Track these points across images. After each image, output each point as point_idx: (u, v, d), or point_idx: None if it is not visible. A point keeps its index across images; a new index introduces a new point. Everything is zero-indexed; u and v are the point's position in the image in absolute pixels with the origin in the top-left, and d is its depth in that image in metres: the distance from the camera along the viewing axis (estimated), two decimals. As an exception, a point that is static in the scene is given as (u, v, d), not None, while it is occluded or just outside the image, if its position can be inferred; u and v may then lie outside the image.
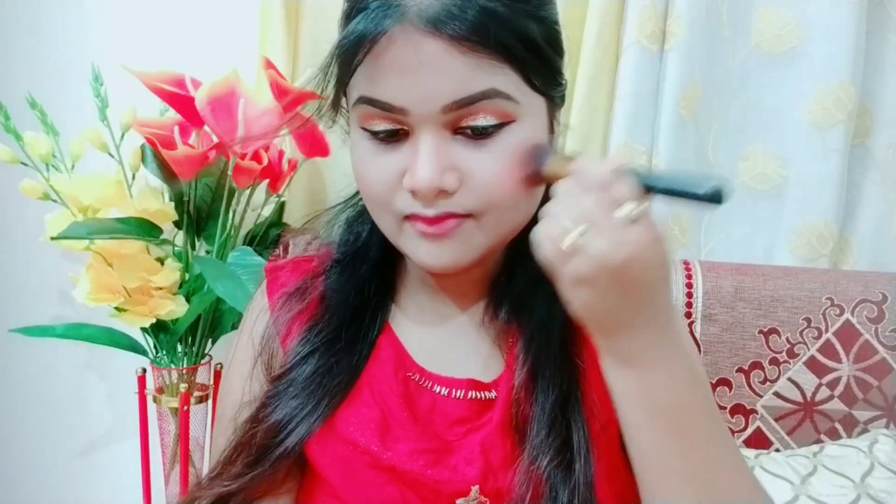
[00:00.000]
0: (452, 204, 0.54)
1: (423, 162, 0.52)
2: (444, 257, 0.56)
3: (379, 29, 0.51)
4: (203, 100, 1.00)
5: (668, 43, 1.17)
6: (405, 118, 0.53)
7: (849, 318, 1.07)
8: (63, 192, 1.07)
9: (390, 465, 0.58)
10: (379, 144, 0.55)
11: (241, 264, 1.04)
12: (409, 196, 0.54)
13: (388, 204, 0.56)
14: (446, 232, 0.55)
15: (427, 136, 0.53)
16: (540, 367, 0.59)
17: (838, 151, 1.20)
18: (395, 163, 0.54)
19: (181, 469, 1.19)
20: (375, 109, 0.53)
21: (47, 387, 1.42)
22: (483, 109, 0.52)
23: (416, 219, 0.55)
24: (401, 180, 0.54)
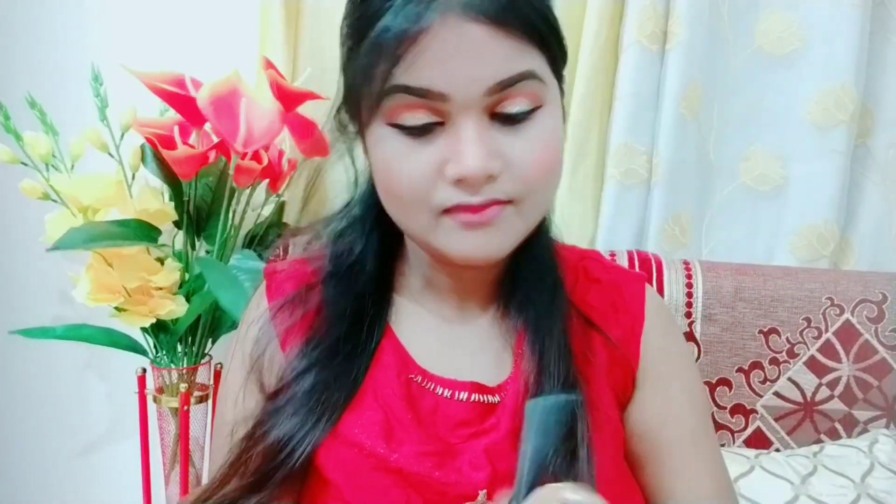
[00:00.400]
0: (496, 190, 0.54)
1: (471, 147, 0.52)
2: (488, 246, 0.56)
3: (424, 21, 0.50)
4: (205, 100, 1.00)
5: (670, 43, 1.17)
6: (444, 105, 0.52)
7: (849, 318, 1.07)
8: (63, 192, 1.07)
9: (397, 467, 0.58)
10: (410, 140, 0.53)
11: (244, 268, 1.03)
12: (450, 188, 0.53)
13: (425, 200, 0.54)
14: (490, 219, 0.54)
15: (469, 122, 0.52)
16: (545, 361, 0.59)
17: (839, 152, 1.20)
18: (431, 156, 0.53)
19: (181, 469, 1.19)
20: (412, 98, 0.52)
21: (47, 387, 1.42)
22: (520, 92, 0.53)
23: (460, 210, 0.54)
24: (439, 174, 0.53)
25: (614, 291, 0.66)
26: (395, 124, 0.53)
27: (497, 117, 0.53)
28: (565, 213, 1.21)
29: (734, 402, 1.08)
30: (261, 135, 1.05)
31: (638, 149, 1.20)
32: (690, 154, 1.22)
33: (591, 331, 0.63)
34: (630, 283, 0.67)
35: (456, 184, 0.53)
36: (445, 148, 0.53)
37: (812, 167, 1.22)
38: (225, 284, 1.00)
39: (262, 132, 1.05)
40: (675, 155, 1.19)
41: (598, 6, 1.18)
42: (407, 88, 0.51)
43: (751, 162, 1.25)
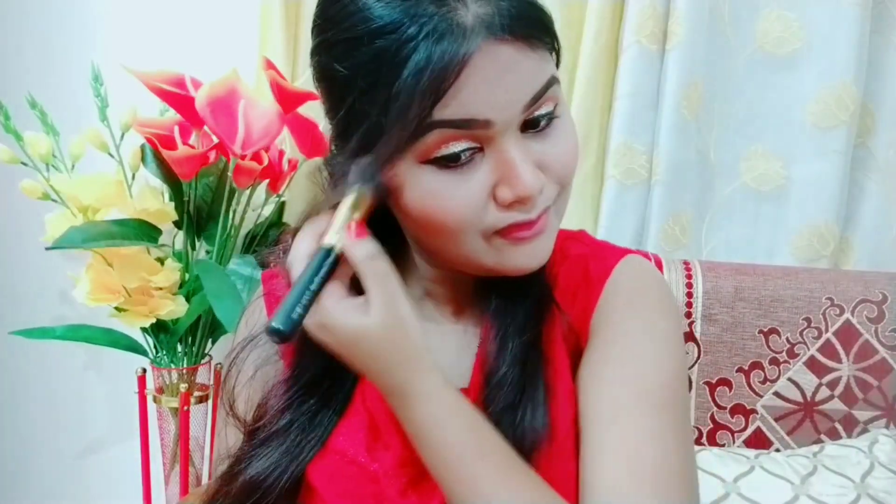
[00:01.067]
0: (544, 199, 0.54)
1: (522, 167, 0.51)
2: (541, 253, 0.56)
3: (464, 54, 0.48)
4: (203, 100, 1.00)
5: (670, 42, 1.17)
6: (486, 132, 0.51)
7: (849, 318, 1.07)
8: (63, 192, 1.07)
9: (375, 477, 0.58)
10: (450, 173, 0.52)
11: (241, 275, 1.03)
12: (501, 211, 0.53)
13: (476, 226, 0.53)
14: (543, 228, 0.55)
15: (511, 143, 0.52)
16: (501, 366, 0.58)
17: (840, 152, 1.20)
18: (478, 183, 0.52)
19: (181, 469, 1.19)
20: (454, 131, 0.50)
21: (47, 387, 1.42)
22: (546, 99, 0.53)
23: (517, 228, 0.54)
24: (488, 198, 0.53)
25: (581, 266, 0.64)
26: (432, 160, 0.51)
27: (527, 128, 0.53)
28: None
29: (734, 402, 1.08)
30: (259, 136, 1.05)
31: (638, 148, 1.20)
32: (691, 154, 1.22)
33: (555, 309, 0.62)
34: (602, 258, 0.65)
35: (510, 206, 0.53)
36: (492, 172, 0.52)
37: (812, 167, 1.22)
38: (222, 294, 0.99)
39: (260, 133, 1.05)
40: (676, 155, 1.19)
41: (598, 6, 1.18)
42: (450, 123, 0.50)
43: (751, 162, 1.25)
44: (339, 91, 0.54)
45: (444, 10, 0.48)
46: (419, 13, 0.48)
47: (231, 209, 1.13)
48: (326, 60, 0.54)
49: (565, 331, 0.62)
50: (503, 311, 0.61)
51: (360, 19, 0.50)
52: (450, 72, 0.48)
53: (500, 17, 0.49)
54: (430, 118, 0.49)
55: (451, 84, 0.48)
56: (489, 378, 0.58)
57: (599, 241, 0.68)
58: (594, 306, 0.62)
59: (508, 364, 0.58)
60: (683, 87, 1.17)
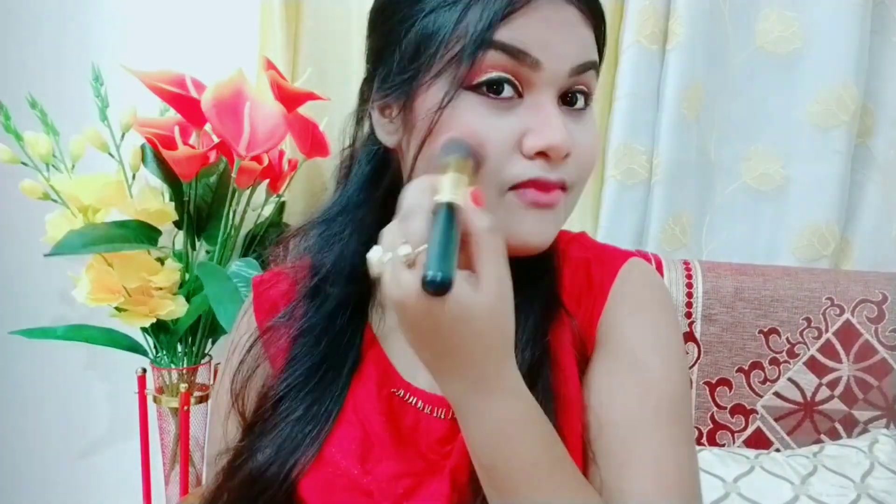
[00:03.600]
0: (566, 172, 0.54)
1: (555, 121, 0.52)
2: (546, 231, 0.55)
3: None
4: (209, 102, 1.00)
5: (670, 42, 1.17)
6: (532, 74, 0.52)
7: (849, 318, 1.07)
8: (63, 192, 1.07)
9: (368, 490, 0.57)
10: (491, 104, 0.52)
11: (244, 277, 1.03)
12: (527, 162, 0.52)
13: (498, 174, 0.52)
14: (554, 202, 0.54)
15: (550, 99, 0.53)
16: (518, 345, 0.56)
17: (840, 153, 1.20)
18: (512, 125, 0.52)
19: (181, 469, 1.19)
20: (506, 58, 0.51)
21: (48, 387, 1.42)
22: (587, 81, 0.55)
23: (532, 185, 0.53)
24: (516, 146, 0.52)
25: (585, 270, 0.64)
26: (476, 86, 0.52)
27: (564, 101, 0.55)
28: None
29: (734, 402, 1.08)
30: (264, 139, 1.05)
31: (637, 149, 1.20)
32: (691, 154, 1.22)
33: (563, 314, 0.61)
34: (604, 262, 0.64)
35: (536, 157, 0.52)
36: (525, 120, 0.52)
37: (813, 167, 1.22)
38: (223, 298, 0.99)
39: (265, 136, 1.04)
40: (676, 155, 1.19)
41: (598, 6, 1.18)
42: (505, 46, 0.51)
43: (752, 162, 1.25)
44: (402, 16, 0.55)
45: None
46: None
47: (231, 209, 1.13)
48: None
49: (573, 335, 0.61)
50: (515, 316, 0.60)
51: None
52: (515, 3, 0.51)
53: None
54: (489, 36, 0.51)
55: (514, 10, 0.51)
56: None
57: (600, 244, 0.67)
58: (600, 312, 0.61)
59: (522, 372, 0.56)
60: (684, 88, 1.17)
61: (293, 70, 1.23)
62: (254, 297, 0.68)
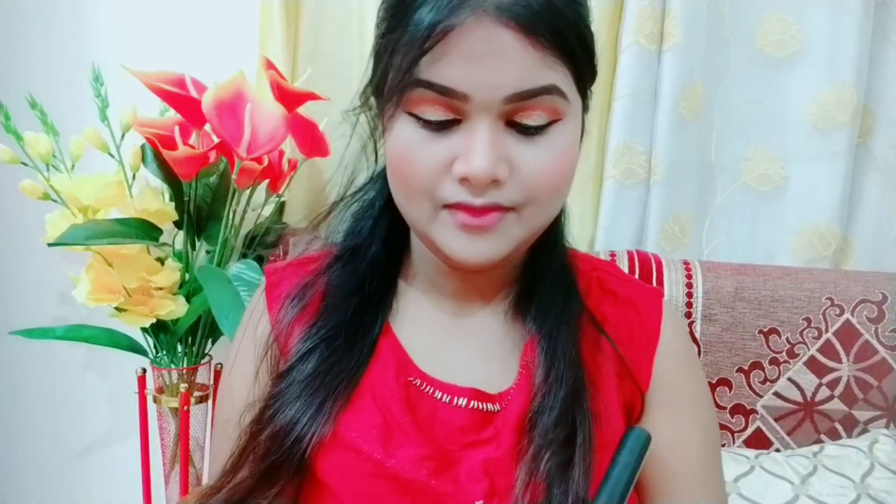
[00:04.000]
0: (499, 196, 0.54)
1: (481, 149, 0.52)
2: (481, 251, 0.56)
3: (456, 19, 0.50)
4: (209, 103, 1.00)
5: (666, 43, 1.17)
6: (463, 105, 0.52)
7: (849, 318, 1.07)
8: (63, 192, 1.07)
9: (393, 474, 0.57)
10: (426, 131, 0.54)
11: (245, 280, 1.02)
12: (456, 185, 0.54)
13: (431, 192, 0.55)
14: (489, 225, 0.54)
15: (484, 125, 0.52)
16: (554, 375, 0.59)
17: (841, 153, 1.20)
18: (444, 150, 0.54)
19: (181, 469, 1.19)
20: (434, 94, 0.52)
21: (47, 387, 1.42)
22: (540, 105, 0.53)
23: (461, 208, 0.54)
24: (448, 168, 0.54)
25: (630, 307, 0.65)
26: (415, 115, 0.54)
27: (514, 124, 0.53)
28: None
29: (734, 402, 1.08)
30: (265, 140, 1.04)
31: (637, 149, 1.20)
32: (691, 154, 1.22)
33: (602, 339, 0.63)
34: (647, 298, 0.66)
35: (461, 182, 0.53)
36: (458, 144, 0.53)
37: (813, 168, 1.22)
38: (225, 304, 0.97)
39: (266, 137, 1.04)
40: (675, 155, 1.19)
41: (597, 6, 1.18)
42: (429, 84, 0.52)
43: (752, 162, 1.25)
44: (375, 30, 0.58)
45: None
46: None
47: (231, 209, 1.13)
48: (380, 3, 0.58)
49: (618, 367, 0.63)
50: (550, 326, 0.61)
51: None
52: (437, 31, 0.50)
53: (512, 3, 0.50)
54: (415, 74, 0.52)
55: (434, 43, 0.51)
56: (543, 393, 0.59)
57: (633, 279, 0.71)
58: (653, 351, 0.64)
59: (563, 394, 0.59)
60: (683, 87, 1.17)
61: (293, 70, 1.23)
62: (266, 281, 0.68)
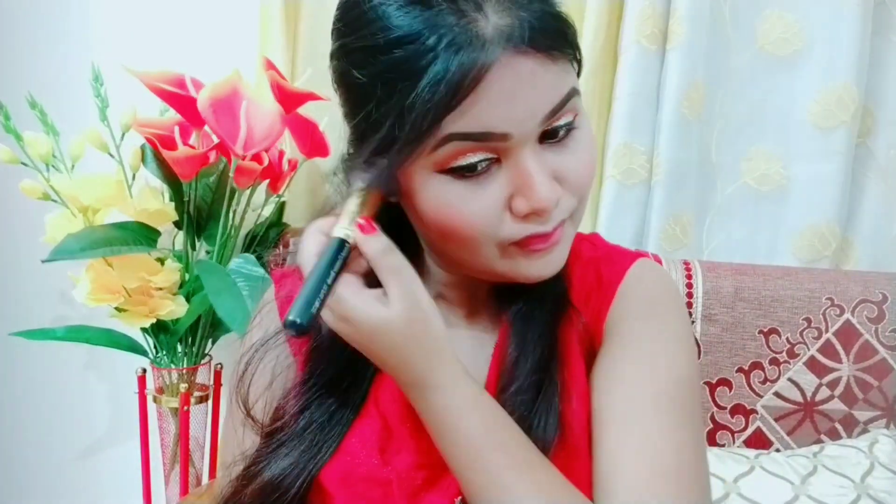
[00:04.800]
0: (561, 211, 0.54)
1: (539, 179, 0.51)
2: (555, 262, 0.56)
3: (482, 66, 0.48)
4: (205, 101, 1.00)
5: (671, 42, 1.17)
6: (503, 144, 0.50)
7: (849, 318, 1.07)
8: (63, 192, 1.07)
9: (387, 480, 0.58)
10: (467, 183, 0.52)
11: (243, 274, 1.03)
12: (518, 222, 0.53)
13: (492, 237, 0.53)
14: (559, 240, 0.55)
15: (529, 154, 0.51)
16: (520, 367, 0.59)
17: (841, 153, 1.20)
18: (495, 193, 0.52)
19: (181, 469, 1.19)
20: (471, 143, 0.50)
21: (47, 387, 1.42)
22: (566, 111, 0.52)
23: (533, 240, 0.54)
24: (504, 209, 0.52)
25: (594, 269, 0.65)
26: (449, 170, 0.51)
27: (545, 139, 0.53)
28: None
29: (734, 402, 1.08)
30: (261, 138, 1.05)
31: (637, 149, 1.20)
32: (691, 154, 1.22)
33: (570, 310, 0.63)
34: (614, 261, 0.65)
35: (526, 217, 0.53)
36: (508, 183, 0.52)
37: (813, 167, 1.22)
38: (223, 293, 0.99)
39: (262, 135, 1.05)
40: (676, 155, 1.19)
41: (598, 6, 1.18)
42: (466, 136, 0.50)
43: (752, 162, 1.25)
44: (356, 97, 0.53)
45: (464, 22, 0.48)
46: (438, 23, 0.47)
47: (231, 209, 1.13)
48: (345, 66, 0.53)
49: (581, 332, 0.62)
50: (522, 317, 0.61)
51: (380, 28, 0.49)
52: (466, 84, 0.48)
53: (520, 30, 0.48)
54: (447, 130, 0.49)
55: (466, 96, 0.48)
56: (508, 384, 0.58)
57: (611, 245, 0.69)
58: (607, 309, 0.62)
59: (528, 370, 0.58)
60: (684, 87, 1.17)
61: (293, 70, 1.23)
62: (276, 292, 0.67)
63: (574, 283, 0.64)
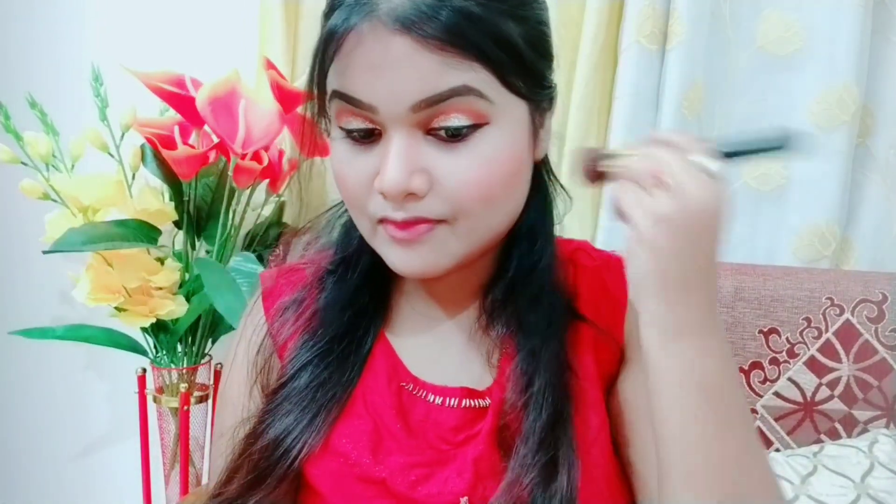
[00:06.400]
0: (422, 209, 0.53)
1: (391, 163, 0.51)
2: (415, 263, 0.55)
3: (347, 25, 0.50)
4: (204, 100, 1.00)
5: (670, 42, 1.17)
6: (375, 116, 0.52)
7: (849, 318, 1.07)
8: (63, 192, 1.07)
9: (380, 479, 0.58)
10: (355, 145, 0.54)
11: (243, 271, 1.03)
12: (380, 199, 0.53)
13: (363, 207, 0.55)
14: (416, 237, 0.53)
15: (396, 137, 0.51)
16: (534, 381, 0.58)
17: (841, 153, 1.20)
18: (368, 164, 0.53)
19: (181, 469, 1.19)
20: (347, 105, 0.52)
21: (47, 387, 1.42)
22: (455, 108, 0.50)
23: (387, 222, 0.54)
24: (373, 182, 0.53)
25: (598, 278, 0.65)
26: (342, 127, 0.54)
27: (434, 132, 0.52)
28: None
29: (734, 402, 1.08)
30: (260, 136, 1.05)
31: (638, 149, 1.20)
32: (691, 154, 1.21)
33: (579, 322, 0.63)
34: (612, 267, 0.66)
35: (381, 196, 0.53)
36: (378, 158, 0.53)
37: (814, 167, 1.21)
38: (222, 289, 0.99)
39: (261, 133, 1.05)
40: (676, 155, 1.19)
41: (598, 6, 1.18)
42: (342, 95, 0.52)
43: (752, 162, 1.25)
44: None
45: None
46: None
47: (231, 209, 1.13)
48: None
49: (594, 338, 0.62)
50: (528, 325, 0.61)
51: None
52: (330, 43, 0.51)
53: (406, 10, 0.49)
54: (332, 86, 0.53)
55: (336, 50, 0.51)
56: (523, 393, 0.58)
57: (605, 252, 0.70)
58: (622, 316, 0.63)
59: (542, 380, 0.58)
60: (684, 88, 1.17)
61: (293, 70, 1.23)
62: (262, 290, 0.68)
63: (581, 293, 0.64)
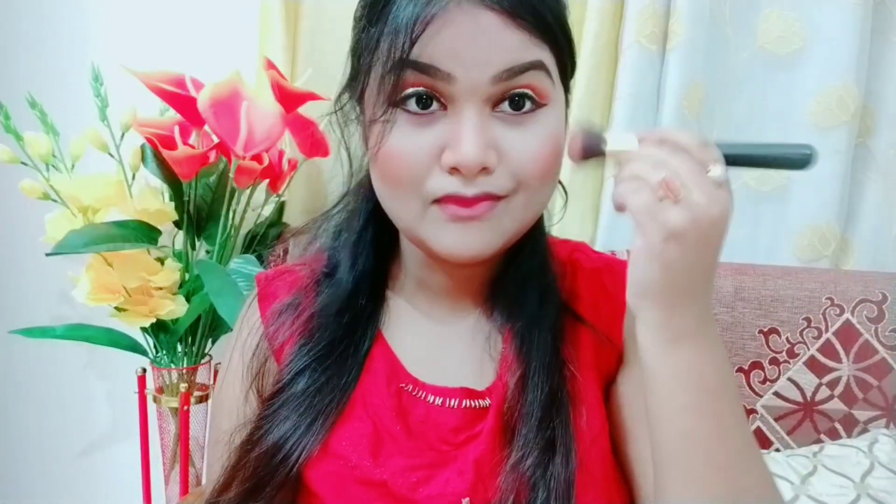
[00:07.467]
0: (490, 184, 0.53)
1: (469, 135, 0.51)
2: (473, 243, 0.54)
3: (439, 5, 0.51)
4: (205, 101, 1.00)
5: (671, 42, 1.17)
6: (449, 87, 0.52)
7: (849, 318, 1.07)
8: (63, 192, 1.07)
9: (381, 481, 0.57)
10: (412, 123, 0.53)
11: (243, 273, 1.03)
12: (445, 177, 0.53)
13: (418, 186, 0.53)
14: (480, 214, 0.53)
15: (471, 110, 0.52)
16: (529, 367, 0.59)
17: (841, 153, 1.20)
18: (431, 139, 0.53)
19: (181, 469, 1.19)
20: (419, 75, 0.52)
21: (47, 387, 1.42)
22: (528, 83, 0.53)
23: (451, 200, 0.53)
24: (436, 159, 0.53)
25: (597, 279, 0.65)
26: (399, 104, 0.53)
27: (500, 109, 0.53)
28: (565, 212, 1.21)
29: (734, 402, 1.08)
30: (262, 138, 1.05)
31: (638, 149, 1.20)
32: (691, 154, 1.21)
33: (578, 323, 0.63)
34: (613, 270, 0.66)
35: (451, 172, 0.52)
36: (445, 134, 0.52)
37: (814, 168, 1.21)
38: (223, 291, 0.99)
39: (263, 135, 1.05)
40: (676, 155, 1.19)
41: (598, 6, 1.18)
42: (415, 64, 0.51)
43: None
44: (353, 30, 0.58)
45: None
46: None
47: (231, 209, 1.13)
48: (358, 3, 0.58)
49: (594, 340, 0.63)
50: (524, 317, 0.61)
51: None
52: (422, 19, 0.51)
53: None
54: (404, 55, 0.52)
55: (421, 30, 0.51)
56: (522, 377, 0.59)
57: (603, 254, 0.70)
58: (622, 317, 0.63)
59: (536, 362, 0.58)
60: (684, 87, 1.17)
61: (293, 70, 1.23)
62: (258, 292, 0.68)
63: (581, 294, 0.64)
